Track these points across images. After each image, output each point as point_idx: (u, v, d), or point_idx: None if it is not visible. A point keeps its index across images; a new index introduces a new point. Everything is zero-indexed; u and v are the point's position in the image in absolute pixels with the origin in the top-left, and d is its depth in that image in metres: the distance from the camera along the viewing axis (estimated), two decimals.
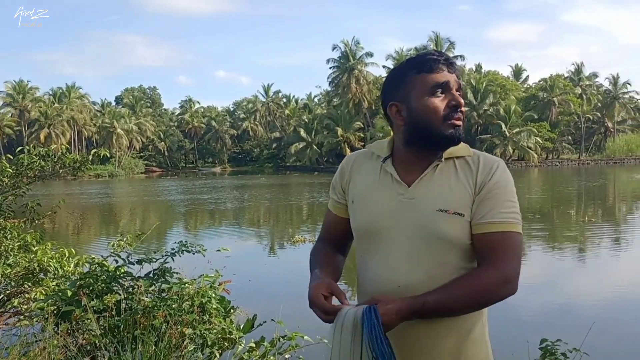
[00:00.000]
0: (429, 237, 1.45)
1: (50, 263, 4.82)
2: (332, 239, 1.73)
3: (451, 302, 1.39)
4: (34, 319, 3.91)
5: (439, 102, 1.46)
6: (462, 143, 1.53)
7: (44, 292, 4.45)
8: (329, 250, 1.70)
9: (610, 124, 70.30)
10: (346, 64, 64.98)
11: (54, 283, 4.63)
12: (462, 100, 1.48)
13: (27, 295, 4.75)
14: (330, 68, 66.80)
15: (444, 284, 1.41)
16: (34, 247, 5.04)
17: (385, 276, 1.50)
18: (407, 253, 1.47)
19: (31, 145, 5.85)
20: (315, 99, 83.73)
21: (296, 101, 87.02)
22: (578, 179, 38.60)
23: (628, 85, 70.10)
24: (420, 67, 1.48)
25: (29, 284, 4.80)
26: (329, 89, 71.83)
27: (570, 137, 71.16)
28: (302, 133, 68.93)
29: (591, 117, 70.38)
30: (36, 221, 5.44)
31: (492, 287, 1.40)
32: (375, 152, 1.61)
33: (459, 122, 1.47)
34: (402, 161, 1.54)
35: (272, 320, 3.67)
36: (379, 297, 1.39)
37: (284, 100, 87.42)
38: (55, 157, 5.42)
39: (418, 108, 1.47)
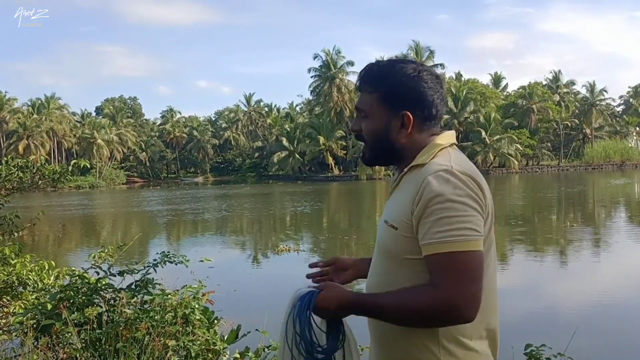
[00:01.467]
0: (378, 245, 1.52)
1: (30, 276, 4.74)
2: None
3: (387, 308, 1.36)
4: (13, 334, 3.82)
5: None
6: (424, 149, 1.45)
7: (23, 306, 4.36)
8: None
9: (588, 131, 71.50)
10: (327, 72, 65.22)
11: (33, 296, 4.54)
12: (355, 127, 1.53)
13: (5, 309, 4.65)
14: (311, 77, 67.08)
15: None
16: (13, 260, 4.95)
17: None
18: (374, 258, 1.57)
19: (9, 157, 5.75)
20: (297, 108, 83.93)
21: (278, 110, 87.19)
22: (558, 185, 39.10)
23: (604, 93, 71.53)
24: None
25: (8, 297, 4.71)
26: (311, 97, 72.08)
27: (549, 144, 72.19)
28: (285, 142, 68.96)
29: (569, 124, 71.52)
30: (15, 234, 5.34)
31: (429, 308, 1.31)
32: None
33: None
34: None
35: (256, 330, 3.64)
36: (332, 283, 1.51)
37: (266, 109, 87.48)
38: (34, 168, 5.33)
39: None
